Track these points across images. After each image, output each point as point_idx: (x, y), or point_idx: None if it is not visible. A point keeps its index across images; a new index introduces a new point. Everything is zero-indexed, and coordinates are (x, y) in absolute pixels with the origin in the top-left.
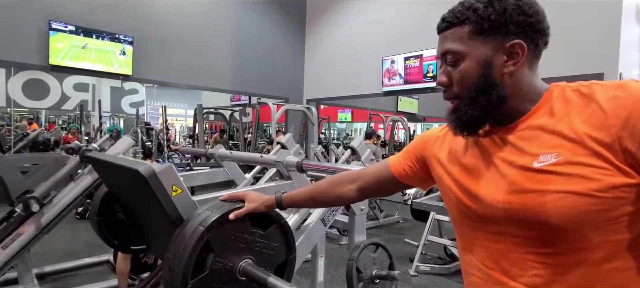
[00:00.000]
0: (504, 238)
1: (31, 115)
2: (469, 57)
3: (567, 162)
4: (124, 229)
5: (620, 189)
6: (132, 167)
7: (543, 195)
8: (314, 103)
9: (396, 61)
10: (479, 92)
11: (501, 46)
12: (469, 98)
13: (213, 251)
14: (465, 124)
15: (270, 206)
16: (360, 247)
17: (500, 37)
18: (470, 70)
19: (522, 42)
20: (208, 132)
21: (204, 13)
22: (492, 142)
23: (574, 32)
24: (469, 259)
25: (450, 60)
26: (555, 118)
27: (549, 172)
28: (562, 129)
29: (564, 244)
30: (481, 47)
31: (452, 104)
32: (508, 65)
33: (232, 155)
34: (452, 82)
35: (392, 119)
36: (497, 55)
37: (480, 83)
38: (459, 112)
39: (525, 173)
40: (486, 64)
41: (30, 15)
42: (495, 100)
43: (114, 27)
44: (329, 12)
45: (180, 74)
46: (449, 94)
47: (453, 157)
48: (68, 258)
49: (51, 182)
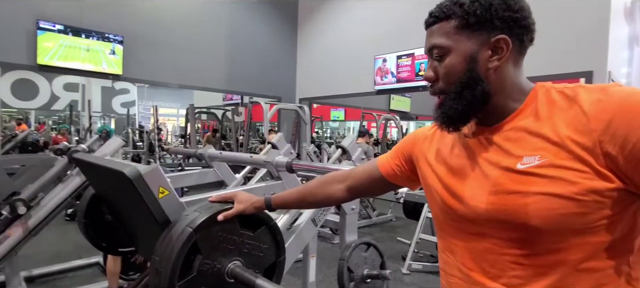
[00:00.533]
0: (485, 239)
1: (20, 116)
2: (454, 51)
3: (549, 165)
4: (111, 231)
5: (600, 193)
6: (118, 168)
7: (525, 196)
8: (306, 102)
9: (388, 60)
10: (464, 86)
11: (486, 41)
12: (454, 93)
13: (201, 253)
14: (450, 118)
15: (259, 207)
16: (351, 246)
17: (486, 32)
18: (455, 64)
19: (507, 38)
20: (200, 131)
21: (195, 12)
22: (478, 142)
23: (563, 30)
24: (449, 259)
25: (436, 55)
26: (540, 120)
27: (532, 174)
28: (546, 131)
29: (542, 246)
30: (466, 42)
31: (438, 99)
32: (493, 60)
33: (221, 155)
34: (438, 77)
35: (385, 118)
36: (482, 50)
37: (466, 78)
38: (444, 107)
39: (508, 174)
40: (471, 59)
41: (18, 15)
42: (480, 96)
43: (104, 27)
44: (320, 11)
45: (171, 74)
46: (435, 89)
47: (440, 157)
48: (57, 261)
49: (39, 183)
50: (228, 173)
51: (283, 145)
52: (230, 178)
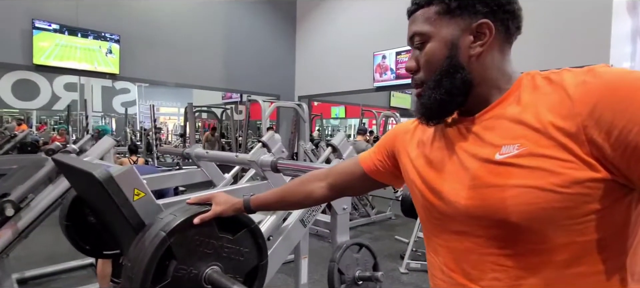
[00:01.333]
0: (466, 238)
1: (21, 116)
2: (434, 37)
3: (529, 154)
4: (96, 234)
5: (585, 185)
6: (88, 170)
7: (503, 190)
8: (305, 100)
9: (387, 56)
10: (443, 74)
11: (468, 26)
12: (433, 81)
13: (176, 258)
14: (429, 110)
15: (238, 209)
16: (343, 247)
17: (468, 17)
18: (435, 51)
19: (490, 22)
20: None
21: (192, 10)
22: (457, 132)
23: (565, 24)
24: (433, 260)
25: (417, 43)
26: (521, 106)
27: (510, 165)
28: (527, 118)
29: (524, 245)
30: (447, 27)
31: (417, 91)
32: (475, 46)
33: (208, 155)
34: (419, 67)
35: (385, 115)
36: (463, 35)
37: (446, 65)
38: (423, 98)
39: (486, 166)
40: (452, 45)
41: (13, 14)
42: (460, 84)
43: (100, 26)
44: (319, 9)
45: (169, 73)
46: (416, 79)
47: (420, 150)
48: (51, 262)
49: (28, 184)
50: (216, 172)
51: (274, 144)
52: (219, 178)
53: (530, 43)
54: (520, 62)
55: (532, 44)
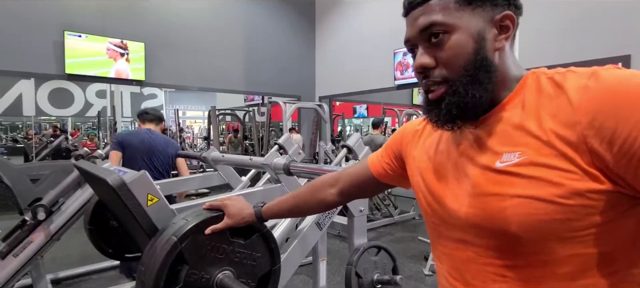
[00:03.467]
0: (467, 247)
1: (57, 124)
2: (460, 29)
3: (530, 163)
4: (117, 237)
5: (587, 196)
6: (102, 176)
7: (503, 199)
8: (326, 100)
9: (408, 53)
10: (478, 69)
11: (492, 18)
12: (467, 77)
13: (187, 263)
14: (462, 109)
15: (250, 221)
16: (360, 250)
17: (490, 8)
18: (463, 44)
19: (512, 14)
20: (225, 133)
21: (213, 15)
22: (460, 136)
23: (598, 11)
24: (438, 267)
25: (437, 30)
26: (524, 111)
27: (510, 174)
28: (529, 124)
29: (525, 256)
30: (472, 18)
31: (435, 92)
32: (500, 39)
33: (224, 158)
34: (437, 64)
35: (407, 113)
36: (488, 28)
37: (478, 60)
38: (455, 96)
39: (486, 174)
40: (479, 38)
41: (46, 27)
42: (493, 80)
43: (126, 34)
44: (338, 7)
45: (192, 77)
46: (435, 77)
47: (425, 154)
48: (83, 263)
49: (59, 189)
50: (233, 175)
51: (290, 146)
52: (236, 181)
53: (554, 33)
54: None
55: (564, 34)
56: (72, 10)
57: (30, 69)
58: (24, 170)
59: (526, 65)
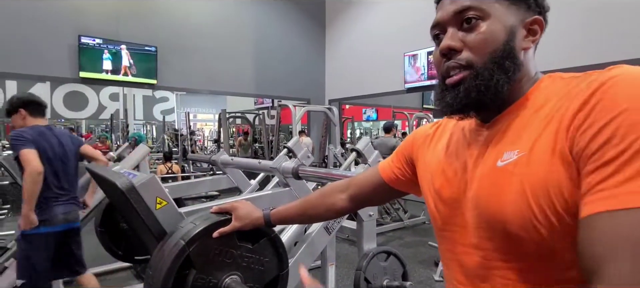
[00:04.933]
0: (475, 251)
1: (72, 126)
2: (494, 17)
3: (526, 161)
4: (127, 239)
5: (575, 202)
6: (112, 179)
7: (501, 198)
8: (335, 103)
9: (418, 56)
10: (505, 57)
11: (523, 19)
12: (492, 62)
13: (195, 267)
14: (484, 93)
15: (258, 225)
16: (369, 255)
17: (524, 10)
18: (496, 32)
19: (542, 20)
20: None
21: (224, 19)
22: (472, 138)
23: (615, 13)
24: (446, 274)
25: (472, 15)
26: (533, 112)
27: (508, 172)
28: (535, 124)
29: (530, 259)
30: (507, 12)
31: (454, 76)
32: (527, 40)
33: (233, 161)
34: (464, 47)
35: (417, 116)
36: (519, 27)
37: (506, 49)
38: (478, 79)
39: (490, 173)
40: (511, 32)
41: (62, 31)
42: (517, 73)
43: (138, 38)
44: (347, 11)
45: (203, 81)
46: (458, 60)
47: (436, 157)
48: (94, 264)
49: None
50: (242, 179)
51: (299, 150)
52: (245, 184)
53: (576, 35)
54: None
55: (579, 36)
56: (87, 14)
57: (46, 72)
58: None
59: (542, 67)
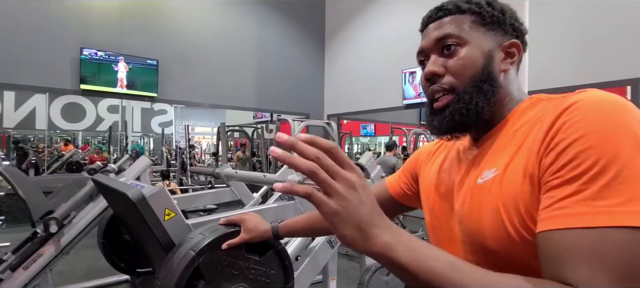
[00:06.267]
0: None
1: (68, 137)
2: (472, 44)
3: (501, 179)
4: (130, 251)
5: None
6: (123, 190)
7: (480, 214)
8: (334, 118)
9: (416, 73)
10: (483, 80)
11: (500, 43)
12: (473, 87)
13: (204, 278)
14: (465, 116)
15: (266, 237)
16: (372, 270)
17: (500, 34)
18: (474, 57)
19: (519, 43)
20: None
21: (225, 33)
22: (464, 156)
23: (605, 36)
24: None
25: (450, 44)
26: (510, 132)
27: (485, 189)
28: (512, 144)
29: (507, 272)
30: (484, 38)
31: (440, 100)
32: (506, 62)
33: (237, 174)
34: (446, 72)
35: (415, 132)
36: (497, 50)
37: (484, 73)
38: (459, 103)
39: (472, 190)
40: (489, 56)
41: (64, 43)
42: (496, 95)
43: (140, 51)
44: (347, 28)
45: (203, 94)
46: (442, 84)
47: (433, 174)
48: (91, 277)
49: (71, 202)
50: (245, 192)
51: None
52: (248, 197)
53: (564, 57)
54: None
55: (567, 58)
56: (91, 27)
57: (46, 83)
58: (37, 182)
59: (537, 87)
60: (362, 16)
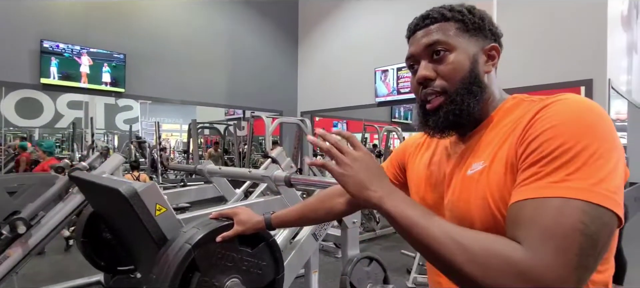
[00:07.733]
0: None
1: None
2: (459, 49)
3: (488, 170)
4: (110, 250)
5: None
6: (114, 186)
7: (469, 202)
8: (308, 115)
9: (389, 72)
10: (472, 83)
11: (482, 47)
12: (463, 88)
13: (199, 270)
14: (457, 116)
15: (260, 228)
16: (354, 261)
17: (482, 39)
18: (462, 61)
19: (498, 46)
20: (203, 146)
21: (196, 28)
22: (453, 150)
23: (562, 40)
24: (429, 276)
25: (440, 49)
26: (496, 128)
27: (474, 180)
28: (497, 139)
29: None
30: (469, 43)
31: (432, 102)
32: (488, 65)
33: (221, 171)
34: (437, 76)
35: (387, 129)
36: (480, 54)
37: (472, 76)
38: (452, 105)
39: (461, 181)
40: (474, 60)
41: (23, 35)
42: (483, 95)
43: (107, 45)
44: (320, 26)
45: (173, 90)
46: (434, 87)
47: (423, 165)
48: (59, 280)
49: (39, 202)
50: (228, 188)
51: (283, 160)
52: (230, 193)
53: (525, 59)
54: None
55: (531, 60)
56: (53, 19)
57: (2, 77)
58: (1, 182)
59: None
60: (336, 14)
